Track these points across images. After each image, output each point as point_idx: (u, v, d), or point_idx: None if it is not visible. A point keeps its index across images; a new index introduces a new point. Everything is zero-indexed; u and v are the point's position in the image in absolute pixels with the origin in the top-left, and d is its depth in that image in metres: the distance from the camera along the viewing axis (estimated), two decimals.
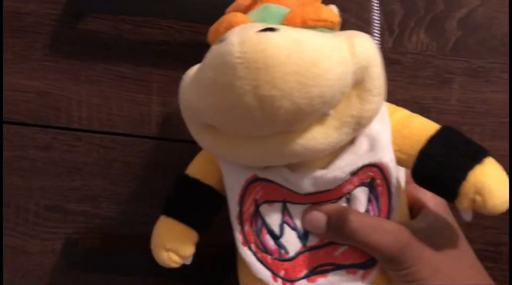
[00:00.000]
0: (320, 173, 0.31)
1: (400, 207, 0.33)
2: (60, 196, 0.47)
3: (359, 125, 0.29)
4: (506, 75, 0.43)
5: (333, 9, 0.33)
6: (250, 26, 0.28)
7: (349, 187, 0.32)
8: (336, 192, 0.32)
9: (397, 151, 0.32)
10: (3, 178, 0.47)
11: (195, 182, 0.36)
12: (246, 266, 0.34)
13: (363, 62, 0.28)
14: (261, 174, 0.32)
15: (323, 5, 0.32)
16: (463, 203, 0.28)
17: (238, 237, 0.34)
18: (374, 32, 0.36)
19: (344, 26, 0.38)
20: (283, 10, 0.31)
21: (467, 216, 0.29)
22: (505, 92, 0.43)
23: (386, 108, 0.33)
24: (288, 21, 0.30)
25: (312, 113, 0.27)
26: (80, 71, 0.44)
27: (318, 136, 0.28)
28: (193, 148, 0.44)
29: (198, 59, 0.31)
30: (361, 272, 0.32)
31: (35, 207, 0.47)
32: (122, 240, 0.47)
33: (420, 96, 0.44)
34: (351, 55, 0.27)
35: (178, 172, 0.45)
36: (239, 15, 0.31)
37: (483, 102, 0.44)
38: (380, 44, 0.35)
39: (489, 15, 0.42)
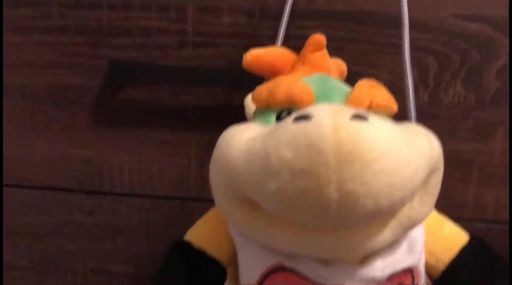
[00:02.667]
0: (359, 270, 0.28)
1: None
2: (105, 259, 0.48)
3: (412, 227, 0.28)
4: None
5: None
6: (340, 108, 0.25)
7: None
8: None
9: (427, 254, 0.31)
10: (53, 242, 0.49)
11: (200, 254, 0.32)
12: None
13: (436, 164, 0.27)
14: (288, 263, 0.29)
15: (385, 89, 0.30)
16: None
17: None
18: (409, 87, 0.35)
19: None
20: (343, 86, 0.30)
21: None
22: None
23: None
24: (354, 102, 0.28)
25: (387, 215, 0.25)
26: (121, 138, 0.46)
27: (376, 235, 0.26)
28: None
29: (233, 121, 0.31)
30: None
31: (82, 270, 0.49)
32: None
33: (461, 150, 0.42)
34: (431, 155, 0.26)
35: None
36: (301, 84, 0.29)
37: None
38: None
39: None
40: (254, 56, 0.32)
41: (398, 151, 0.23)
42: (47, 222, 0.49)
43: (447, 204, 0.43)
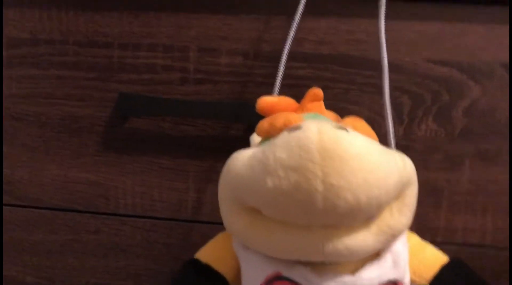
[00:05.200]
0: (349, 279, 0.31)
1: None
2: (107, 275, 0.52)
3: (393, 237, 0.31)
4: None
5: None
6: (325, 122, 0.31)
7: None
8: None
9: (411, 273, 0.35)
10: (60, 259, 0.53)
11: (206, 268, 0.35)
12: None
13: (409, 177, 0.31)
14: (285, 272, 0.31)
15: (366, 124, 0.36)
16: None
17: None
18: (389, 122, 0.40)
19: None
20: (332, 121, 0.34)
21: None
22: None
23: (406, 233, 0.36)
24: None
25: (366, 212, 0.29)
26: (126, 164, 0.51)
27: (359, 239, 0.30)
28: (224, 229, 0.49)
29: (229, 151, 0.36)
30: None
31: None
32: None
33: (434, 178, 0.47)
34: (403, 168, 0.31)
35: None
36: (297, 115, 0.33)
37: (494, 182, 0.47)
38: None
39: (491, 104, 0.46)
40: (268, 103, 0.37)
41: (371, 155, 0.28)
42: (54, 240, 0.52)
43: (421, 229, 0.47)
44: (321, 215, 0.28)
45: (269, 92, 0.48)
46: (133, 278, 0.52)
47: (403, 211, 0.31)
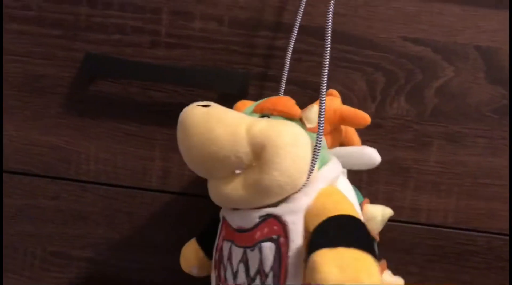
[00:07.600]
0: (243, 211, 0.37)
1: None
2: (66, 243, 0.50)
3: (261, 190, 0.35)
4: (480, 140, 0.47)
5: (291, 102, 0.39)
6: (199, 103, 0.37)
7: (259, 234, 0.36)
8: (251, 235, 0.36)
9: (306, 222, 0.34)
10: (14, 225, 0.50)
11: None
12: None
13: (258, 140, 0.35)
14: (224, 214, 0.40)
15: (288, 99, 0.39)
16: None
17: (212, 262, 0.41)
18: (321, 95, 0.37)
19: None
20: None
21: None
22: (480, 155, 0.47)
23: (321, 189, 0.36)
24: (255, 110, 0.39)
25: (215, 165, 0.35)
26: (90, 128, 0.49)
27: (229, 188, 0.36)
28: (188, 200, 0.48)
29: None
30: None
31: (41, 253, 0.51)
32: None
33: (401, 158, 0.47)
34: (246, 131, 0.35)
35: (174, 222, 0.49)
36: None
37: (460, 164, 0.47)
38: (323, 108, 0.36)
39: (464, 85, 0.46)
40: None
41: (205, 123, 0.35)
42: (9, 205, 0.50)
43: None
44: (192, 166, 0.37)
45: (243, 60, 0.47)
46: (92, 247, 0.50)
47: (263, 168, 0.34)
